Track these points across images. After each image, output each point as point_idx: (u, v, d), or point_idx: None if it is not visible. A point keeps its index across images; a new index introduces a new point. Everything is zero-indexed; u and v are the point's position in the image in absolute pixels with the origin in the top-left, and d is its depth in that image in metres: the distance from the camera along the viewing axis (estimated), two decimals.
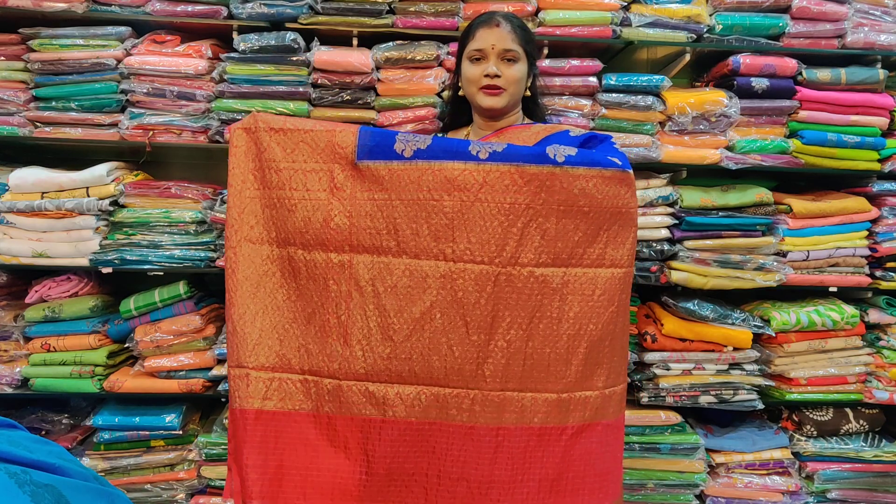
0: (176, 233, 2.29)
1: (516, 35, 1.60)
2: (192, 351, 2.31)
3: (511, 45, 1.59)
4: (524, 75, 1.64)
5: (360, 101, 2.30)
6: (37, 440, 0.81)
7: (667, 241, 2.35)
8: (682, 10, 2.33)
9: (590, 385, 1.42)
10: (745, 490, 2.40)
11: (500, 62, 1.60)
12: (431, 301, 1.36)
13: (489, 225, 1.33)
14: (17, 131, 2.31)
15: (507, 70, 1.60)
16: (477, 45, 1.61)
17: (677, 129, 2.34)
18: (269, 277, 1.44)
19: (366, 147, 1.38)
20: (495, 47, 1.59)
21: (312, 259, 1.42)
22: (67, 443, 2.41)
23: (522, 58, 1.62)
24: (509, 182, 1.33)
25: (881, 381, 2.44)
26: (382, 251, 1.38)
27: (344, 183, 1.39)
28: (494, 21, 1.60)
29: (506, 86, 1.61)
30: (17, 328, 2.34)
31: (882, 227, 2.42)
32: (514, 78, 1.61)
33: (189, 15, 2.27)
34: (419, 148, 1.36)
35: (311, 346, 1.42)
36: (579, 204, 1.36)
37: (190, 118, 2.30)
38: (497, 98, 1.62)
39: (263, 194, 1.44)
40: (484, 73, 1.60)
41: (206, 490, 2.36)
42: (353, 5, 2.26)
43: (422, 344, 1.37)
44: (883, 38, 2.38)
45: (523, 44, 1.62)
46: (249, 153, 1.44)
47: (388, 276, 1.38)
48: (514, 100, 1.65)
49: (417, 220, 1.36)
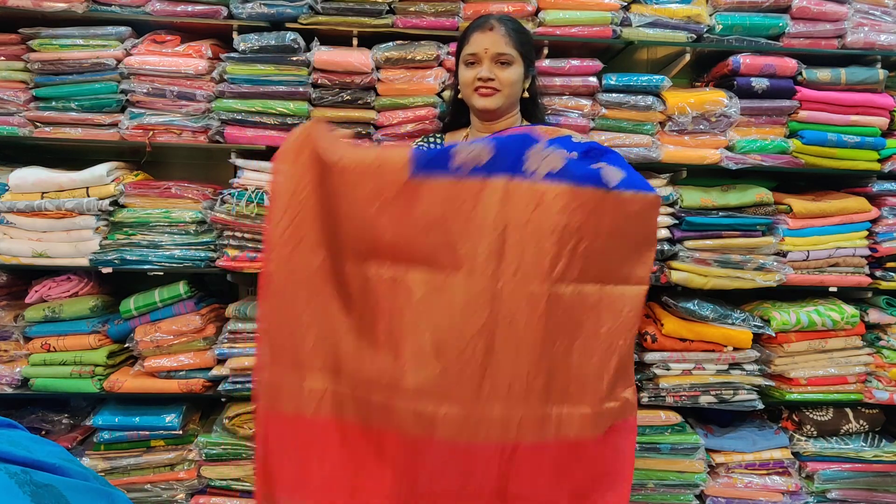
0: (176, 233, 2.29)
1: (511, 38, 1.60)
2: (192, 351, 2.31)
3: (505, 48, 1.59)
4: (519, 78, 1.64)
5: (360, 101, 2.30)
6: (37, 440, 0.81)
7: (667, 241, 2.35)
8: (682, 10, 2.33)
9: (615, 396, 1.45)
10: (745, 490, 2.40)
11: (494, 65, 1.60)
12: (484, 320, 1.32)
13: (543, 246, 1.31)
14: (17, 131, 2.31)
15: (500, 73, 1.61)
16: (471, 50, 1.62)
17: (677, 129, 2.34)
18: (322, 286, 1.40)
19: (422, 162, 1.34)
20: (489, 51, 1.59)
21: (365, 272, 1.38)
22: (67, 443, 2.41)
23: (517, 60, 1.62)
24: (563, 204, 1.31)
25: (881, 381, 2.44)
26: (437, 268, 1.34)
27: (398, 198, 1.35)
28: (489, 25, 1.60)
29: (500, 87, 1.61)
30: (17, 328, 2.34)
31: (882, 227, 2.42)
32: (508, 80, 1.61)
33: (189, 15, 2.27)
34: (476, 165, 1.32)
35: (362, 358, 1.39)
36: (625, 227, 1.38)
37: (190, 118, 2.30)
38: (491, 99, 1.62)
39: (318, 202, 1.40)
40: (477, 76, 1.61)
41: (206, 490, 2.37)
42: (353, 5, 2.26)
43: (474, 363, 1.33)
44: (883, 38, 2.38)
45: (518, 46, 1.61)
46: (307, 160, 1.41)
47: (442, 294, 1.34)
48: (509, 101, 1.65)
49: (472, 238, 1.32)
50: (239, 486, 2.34)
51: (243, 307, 2.30)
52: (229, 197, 2.23)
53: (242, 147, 2.32)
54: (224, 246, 2.28)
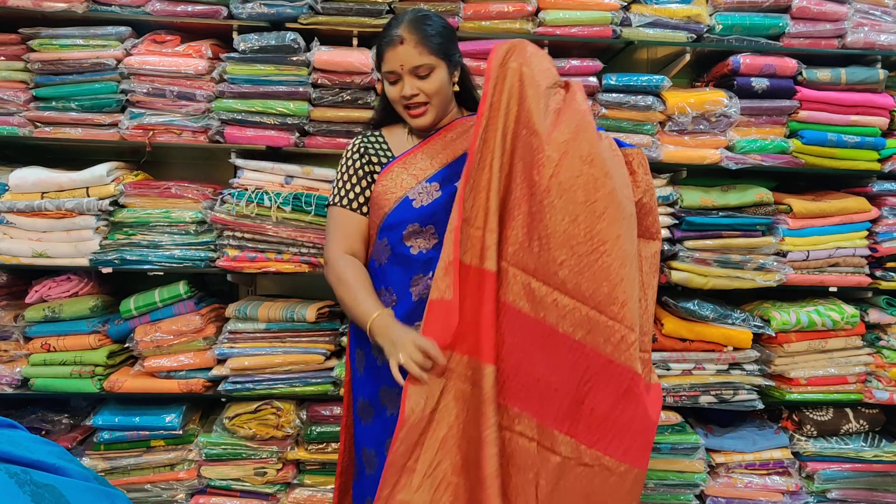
0: (176, 233, 2.29)
1: (424, 46, 1.53)
2: (192, 351, 2.31)
3: (419, 59, 1.53)
4: (444, 81, 1.58)
5: (360, 101, 2.30)
6: (37, 440, 0.82)
7: (667, 240, 2.35)
8: (682, 10, 2.33)
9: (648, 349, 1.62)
10: (745, 490, 2.40)
11: (414, 79, 1.56)
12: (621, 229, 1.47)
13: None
14: (17, 131, 2.31)
15: (424, 85, 1.56)
16: (388, 68, 1.56)
17: (677, 129, 2.34)
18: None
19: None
20: (404, 67, 1.54)
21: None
22: (67, 443, 2.41)
23: (437, 65, 1.56)
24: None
25: (881, 381, 2.44)
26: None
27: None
28: (398, 39, 1.53)
29: (427, 98, 1.58)
30: (17, 328, 2.33)
31: (882, 227, 2.42)
32: (433, 90, 1.56)
33: (189, 15, 2.27)
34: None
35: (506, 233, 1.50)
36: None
37: (190, 118, 2.30)
38: (424, 116, 1.59)
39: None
40: (401, 94, 1.57)
41: (206, 490, 2.37)
42: (353, 5, 2.26)
43: (592, 269, 1.44)
44: (883, 38, 2.38)
45: (434, 51, 1.55)
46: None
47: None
48: (442, 107, 1.61)
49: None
50: (239, 486, 2.34)
51: (243, 307, 2.30)
52: (229, 197, 2.23)
53: (242, 147, 2.32)
54: (224, 246, 2.28)
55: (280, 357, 2.27)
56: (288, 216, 2.23)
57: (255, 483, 2.34)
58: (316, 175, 2.30)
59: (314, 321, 2.26)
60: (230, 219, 2.24)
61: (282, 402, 2.31)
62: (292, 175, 2.31)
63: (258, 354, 2.28)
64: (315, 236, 2.25)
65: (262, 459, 2.33)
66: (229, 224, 2.25)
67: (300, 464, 2.39)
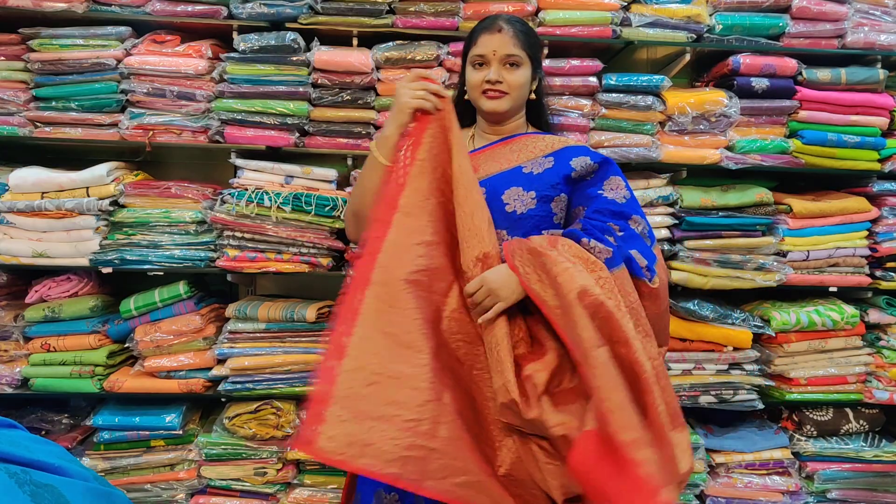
0: (176, 233, 2.29)
1: (519, 40, 1.59)
2: (192, 351, 2.31)
3: (513, 49, 1.58)
4: (527, 80, 1.63)
5: (360, 101, 2.30)
6: (37, 440, 0.81)
7: (667, 241, 2.35)
8: (682, 10, 2.33)
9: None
10: (745, 490, 2.40)
11: (502, 67, 1.59)
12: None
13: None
14: (17, 131, 2.31)
15: (508, 75, 1.59)
16: (479, 51, 1.60)
17: (677, 128, 2.34)
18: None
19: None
20: (497, 53, 1.58)
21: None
22: (67, 443, 2.41)
23: (525, 62, 1.61)
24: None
25: (881, 381, 2.44)
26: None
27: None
28: (497, 26, 1.59)
29: (508, 90, 1.60)
30: (17, 328, 2.33)
31: (882, 227, 2.42)
32: (516, 83, 1.60)
33: (189, 15, 2.27)
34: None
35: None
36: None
37: (190, 118, 2.30)
38: (499, 101, 1.61)
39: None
40: (485, 78, 1.60)
41: (206, 490, 2.37)
42: (353, 5, 2.26)
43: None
44: (883, 38, 2.38)
45: (527, 48, 1.60)
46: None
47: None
48: (517, 104, 1.64)
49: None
50: (239, 486, 2.34)
51: (243, 307, 2.30)
52: (229, 197, 2.23)
53: (242, 147, 2.32)
54: (224, 246, 2.28)
55: (280, 357, 2.28)
56: (288, 216, 2.24)
57: (255, 483, 2.34)
58: (316, 175, 2.30)
59: (314, 321, 2.26)
60: (230, 219, 2.24)
61: (282, 402, 2.32)
62: (292, 175, 2.31)
63: (258, 354, 2.28)
64: (315, 236, 2.25)
65: (262, 459, 2.33)
66: (229, 224, 2.25)
67: (300, 464, 2.39)
